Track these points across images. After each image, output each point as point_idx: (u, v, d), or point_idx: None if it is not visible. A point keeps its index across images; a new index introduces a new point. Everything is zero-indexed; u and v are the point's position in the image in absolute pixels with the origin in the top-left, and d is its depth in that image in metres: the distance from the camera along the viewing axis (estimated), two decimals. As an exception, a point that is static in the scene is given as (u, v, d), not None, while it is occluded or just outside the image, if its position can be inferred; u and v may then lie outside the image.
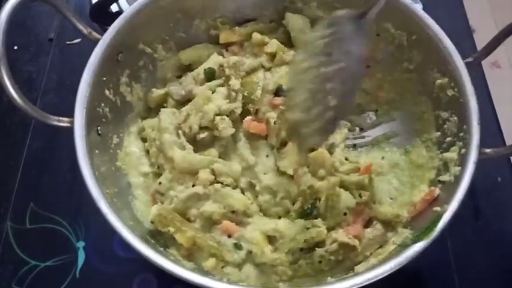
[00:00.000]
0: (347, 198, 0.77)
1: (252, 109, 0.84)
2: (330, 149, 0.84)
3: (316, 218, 0.78)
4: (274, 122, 0.82)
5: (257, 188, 0.81)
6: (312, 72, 0.72)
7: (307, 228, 0.76)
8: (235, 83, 0.83)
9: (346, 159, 0.85)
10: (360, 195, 0.78)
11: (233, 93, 0.83)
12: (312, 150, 0.81)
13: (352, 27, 0.70)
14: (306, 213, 0.79)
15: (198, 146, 0.83)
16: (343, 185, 0.79)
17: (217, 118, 0.81)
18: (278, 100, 0.84)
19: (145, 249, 0.67)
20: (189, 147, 0.81)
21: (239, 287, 0.69)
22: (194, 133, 0.82)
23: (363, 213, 0.78)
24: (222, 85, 0.86)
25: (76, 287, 0.86)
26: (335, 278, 0.71)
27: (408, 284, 0.86)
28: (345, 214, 0.77)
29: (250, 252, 0.76)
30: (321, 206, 0.78)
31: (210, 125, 0.82)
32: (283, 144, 0.82)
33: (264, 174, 0.81)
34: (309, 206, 0.79)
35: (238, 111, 0.83)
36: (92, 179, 0.70)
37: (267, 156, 0.83)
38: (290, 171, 0.80)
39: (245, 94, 0.84)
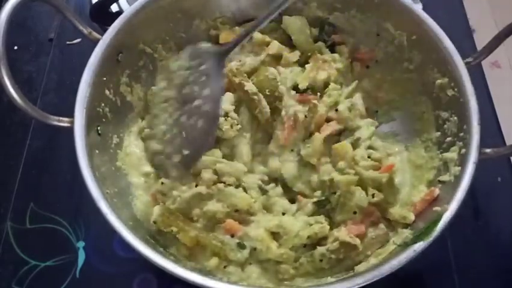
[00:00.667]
0: (360, 198, 0.76)
1: (280, 106, 0.84)
2: (355, 144, 0.84)
3: (328, 212, 0.78)
4: (305, 116, 0.83)
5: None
6: (172, 103, 0.73)
7: (310, 225, 0.77)
8: (250, 86, 0.83)
9: (369, 157, 0.84)
10: (373, 195, 0.78)
11: (255, 97, 0.82)
12: (337, 141, 0.84)
13: (214, 63, 0.71)
14: (319, 205, 0.79)
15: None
16: (360, 180, 0.79)
17: (221, 119, 0.81)
18: (306, 96, 0.85)
19: (145, 249, 0.67)
20: None
21: (239, 287, 0.69)
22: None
23: (372, 215, 0.78)
24: (227, 89, 0.85)
25: (75, 287, 0.86)
26: (335, 278, 0.71)
27: (408, 284, 0.86)
28: (354, 213, 0.77)
29: (254, 249, 0.76)
30: (334, 201, 0.78)
31: None
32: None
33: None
34: (323, 198, 0.79)
35: (267, 109, 0.83)
36: (92, 179, 0.70)
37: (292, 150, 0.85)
38: (313, 161, 0.82)
39: (267, 93, 0.84)
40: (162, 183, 0.81)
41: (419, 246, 0.67)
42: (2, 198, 0.94)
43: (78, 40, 1.11)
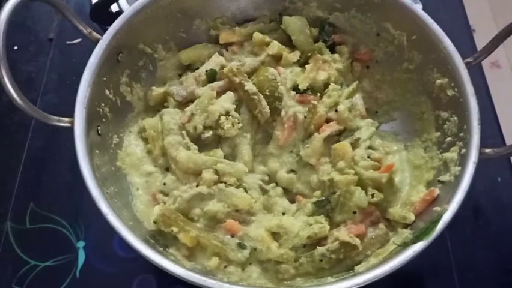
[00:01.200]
0: (359, 198, 0.76)
1: (279, 106, 0.84)
2: (355, 144, 0.84)
3: (328, 212, 0.78)
4: (305, 117, 0.84)
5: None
6: None
7: (310, 225, 0.77)
8: (250, 86, 0.83)
9: (368, 157, 0.84)
10: (372, 195, 0.78)
11: (255, 97, 0.83)
12: (337, 141, 0.84)
13: None
14: (319, 206, 0.79)
15: (201, 145, 0.83)
16: (360, 180, 0.79)
17: (222, 118, 0.81)
18: (306, 96, 0.85)
19: (145, 249, 0.67)
20: (194, 147, 0.81)
21: (239, 287, 0.69)
22: (199, 133, 0.82)
23: (372, 215, 0.78)
24: (227, 89, 0.85)
25: (75, 287, 0.86)
26: (335, 278, 0.71)
27: (408, 284, 0.86)
28: (354, 213, 0.77)
29: (255, 249, 0.76)
30: (333, 201, 0.78)
31: (213, 124, 0.82)
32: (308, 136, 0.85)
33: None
34: (323, 198, 0.79)
35: (267, 110, 0.83)
36: (92, 179, 0.70)
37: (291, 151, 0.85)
38: (312, 161, 0.82)
39: (267, 93, 0.84)
40: (165, 183, 0.81)
41: (419, 246, 0.67)
42: (2, 198, 0.94)
43: (78, 40, 1.11)
